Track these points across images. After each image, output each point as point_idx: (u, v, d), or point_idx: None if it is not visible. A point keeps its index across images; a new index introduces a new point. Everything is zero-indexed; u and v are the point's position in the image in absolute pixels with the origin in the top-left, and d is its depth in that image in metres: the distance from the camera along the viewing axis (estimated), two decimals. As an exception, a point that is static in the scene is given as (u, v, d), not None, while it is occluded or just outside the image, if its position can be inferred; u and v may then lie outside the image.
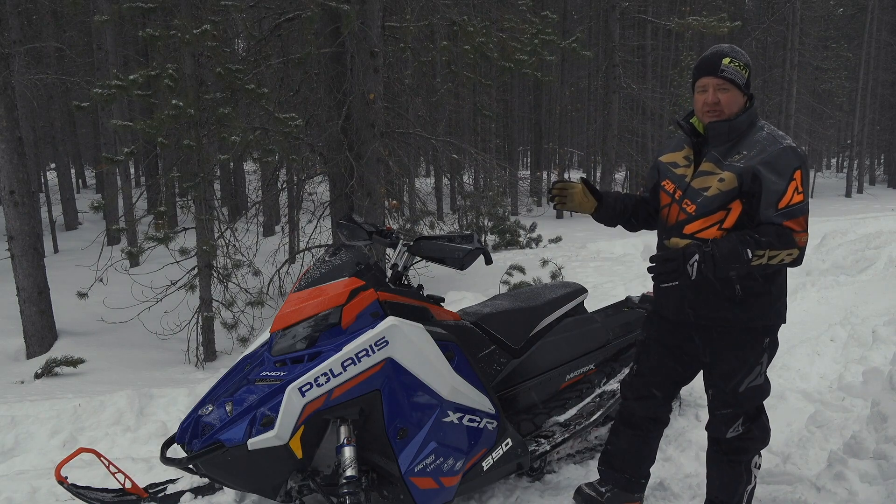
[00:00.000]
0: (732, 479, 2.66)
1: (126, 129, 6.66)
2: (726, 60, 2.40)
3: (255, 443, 2.33)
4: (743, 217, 2.39)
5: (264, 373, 2.51)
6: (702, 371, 2.71)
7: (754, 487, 2.70)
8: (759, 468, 2.70)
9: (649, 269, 2.29)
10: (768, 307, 2.49)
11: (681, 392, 3.80)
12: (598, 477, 2.99)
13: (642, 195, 2.80)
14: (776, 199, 2.29)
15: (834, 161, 40.17)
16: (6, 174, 6.45)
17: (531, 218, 13.86)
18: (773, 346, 2.59)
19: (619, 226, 2.83)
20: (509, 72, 7.95)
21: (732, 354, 2.54)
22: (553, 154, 24.74)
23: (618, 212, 2.75)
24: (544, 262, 8.18)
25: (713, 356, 2.58)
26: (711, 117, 2.44)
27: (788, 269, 2.49)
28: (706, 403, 2.72)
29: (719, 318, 2.49)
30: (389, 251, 3.03)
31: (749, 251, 2.23)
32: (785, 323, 2.58)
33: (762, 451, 2.73)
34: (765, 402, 2.66)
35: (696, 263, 2.22)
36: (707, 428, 2.71)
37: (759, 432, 2.63)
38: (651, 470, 3.04)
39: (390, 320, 2.54)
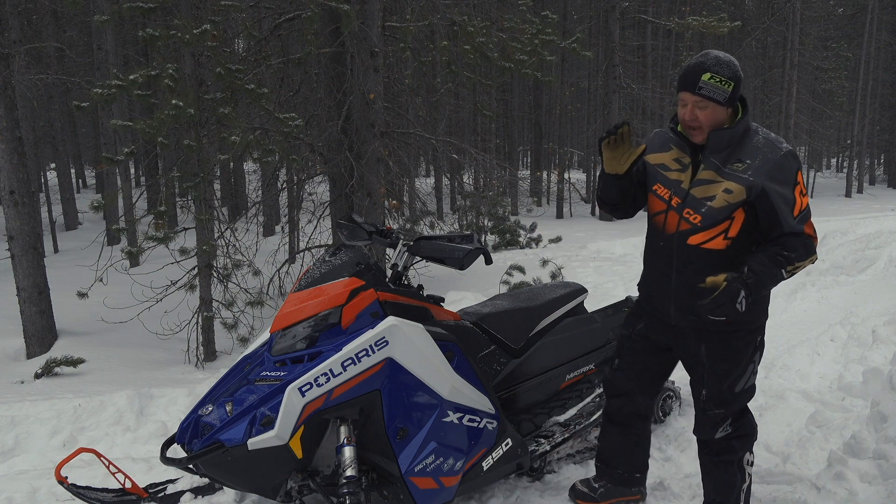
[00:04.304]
0: (727, 480, 2.67)
1: (126, 129, 6.66)
2: (706, 76, 2.31)
3: (255, 443, 2.33)
4: (746, 225, 2.41)
5: (264, 373, 2.51)
6: (690, 373, 2.70)
7: (750, 484, 2.72)
8: (751, 465, 2.72)
9: (699, 307, 2.34)
10: (764, 307, 2.56)
11: (680, 392, 3.82)
12: (595, 474, 3.02)
13: None
14: (791, 208, 2.35)
15: (834, 161, 40.14)
16: (6, 174, 6.45)
17: (531, 218, 13.85)
18: (763, 345, 2.64)
19: (616, 208, 2.70)
20: (509, 72, 7.94)
21: (732, 355, 2.55)
22: (553, 154, 24.72)
23: (628, 188, 2.60)
24: (544, 262, 8.18)
25: (711, 358, 2.57)
26: (692, 132, 2.41)
27: None
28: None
29: (724, 321, 2.47)
30: (389, 251, 3.03)
31: (783, 271, 2.33)
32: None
33: (756, 450, 2.74)
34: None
35: (743, 300, 2.29)
36: (695, 431, 2.71)
37: (746, 429, 2.66)
38: (651, 470, 3.03)
39: (390, 320, 2.54)
